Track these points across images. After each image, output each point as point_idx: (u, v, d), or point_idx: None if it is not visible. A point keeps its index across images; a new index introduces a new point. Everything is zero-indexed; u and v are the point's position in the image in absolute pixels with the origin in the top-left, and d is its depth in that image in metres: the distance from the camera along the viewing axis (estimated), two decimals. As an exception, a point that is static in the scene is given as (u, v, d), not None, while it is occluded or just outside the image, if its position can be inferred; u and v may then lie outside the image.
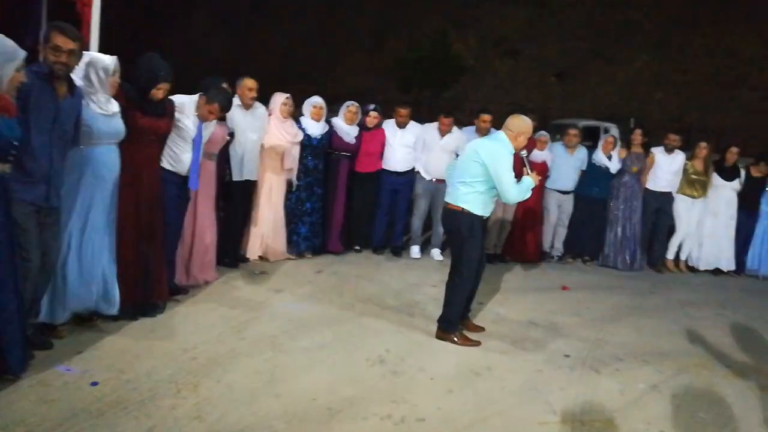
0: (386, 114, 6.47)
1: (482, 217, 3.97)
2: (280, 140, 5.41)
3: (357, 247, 6.33)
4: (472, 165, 3.89)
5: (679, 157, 6.94)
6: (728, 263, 7.07)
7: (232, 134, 4.90)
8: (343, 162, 6.00)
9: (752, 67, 26.05)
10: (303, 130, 5.63)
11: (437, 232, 6.45)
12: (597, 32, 26.74)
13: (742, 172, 7.05)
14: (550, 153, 6.65)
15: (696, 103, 24.22)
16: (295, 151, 5.57)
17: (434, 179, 6.23)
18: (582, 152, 6.85)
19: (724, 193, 6.98)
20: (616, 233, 6.89)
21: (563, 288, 5.76)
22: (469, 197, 3.91)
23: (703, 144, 7.06)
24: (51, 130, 3.01)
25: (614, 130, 14.55)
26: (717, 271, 7.07)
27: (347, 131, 5.96)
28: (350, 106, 5.99)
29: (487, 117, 6.34)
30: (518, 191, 3.87)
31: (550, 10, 27.58)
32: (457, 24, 27.29)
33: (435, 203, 6.32)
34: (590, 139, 7.13)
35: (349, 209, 6.14)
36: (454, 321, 4.07)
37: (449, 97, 22.72)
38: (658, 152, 6.97)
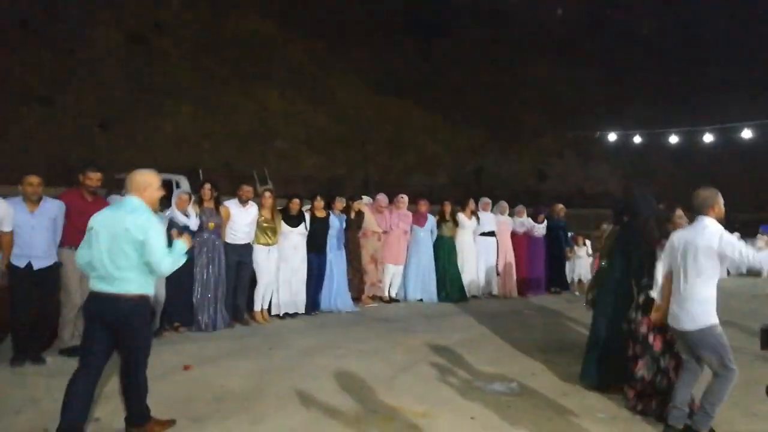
0: None
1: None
2: None
3: None
4: (127, 246, 3.34)
5: (252, 209, 7.04)
6: (301, 305, 7.46)
7: None
8: None
9: (281, 120, 30.16)
10: None
11: None
12: (140, 85, 26.30)
13: (307, 216, 7.59)
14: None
15: (240, 153, 26.38)
16: None
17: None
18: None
19: (292, 238, 7.35)
20: (203, 294, 6.50)
21: (185, 367, 4.99)
22: (144, 279, 3.45)
23: (267, 194, 7.31)
24: None
25: (185, 183, 14.19)
26: (294, 314, 7.37)
27: None
28: None
29: (34, 180, 5.03)
30: (173, 260, 3.46)
31: (81, 59, 25.72)
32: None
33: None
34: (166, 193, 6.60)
35: None
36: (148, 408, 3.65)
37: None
38: (232, 205, 6.91)
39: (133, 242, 3.33)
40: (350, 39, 36.53)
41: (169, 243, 3.52)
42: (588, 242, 10.80)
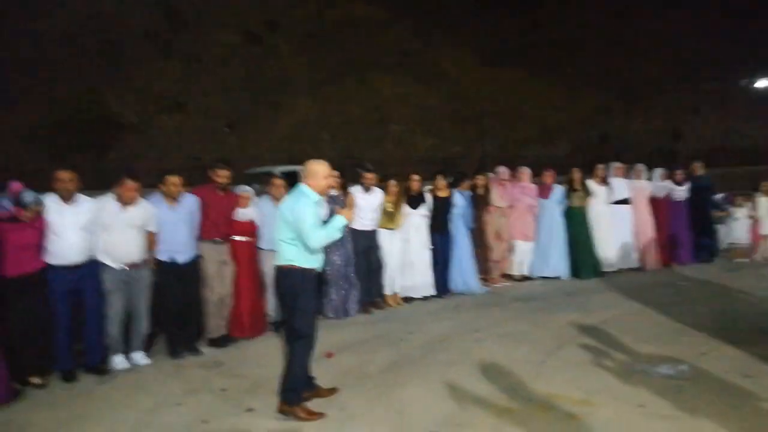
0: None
1: (313, 270, 3.91)
2: None
3: (37, 381, 4.48)
4: (282, 225, 3.90)
5: (376, 195, 6.94)
6: (429, 288, 7.25)
7: None
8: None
9: (394, 104, 30.27)
10: None
11: (139, 332, 5.05)
12: (259, 82, 27.63)
13: (428, 197, 7.35)
14: (257, 210, 5.91)
15: (356, 139, 26.85)
16: None
17: (125, 266, 4.87)
18: None
19: (413, 220, 7.14)
20: (334, 281, 6.50)
21: (328, 355, 4.96)
22: (294, 252, 3.85)
23: (393, 182, 7.15)
24: None
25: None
26: (425, 298, 7.18)
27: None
28: None
29: (176, 180, 5.27)
30: (323, 234, 3.81)
31: (206, 64, 27.49)
32: (108, 81, 24.93)
33: (133, 296, 4.97)
34: (291, 184, 6.63)
35: (9, 332, 4.28)
36: (300, 390, 3.84)
37: (116, 159, 20.34)
38: (356, 192, 6.84)
39: (284, 219, 3.85)
40: (455, 13, 35.70)
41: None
42: (750, 203, 9.56)
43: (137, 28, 25.62)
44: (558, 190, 8.49)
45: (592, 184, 8.61)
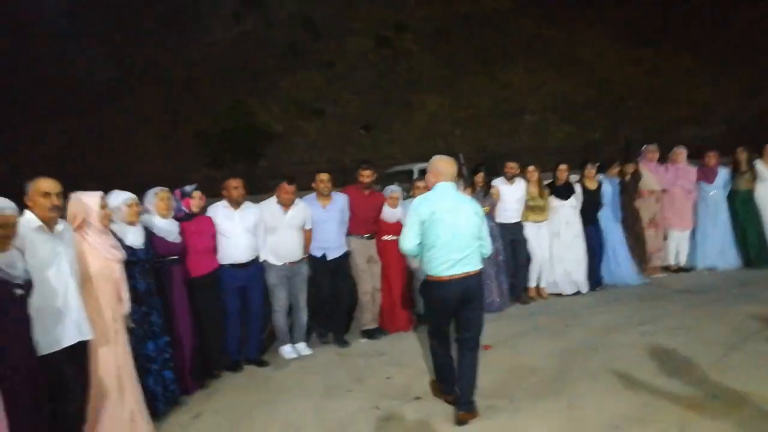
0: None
1: None
2: (113, 261, 3.72)
3: (220, 372, 4.91)
4: (476, 227, 3.64)
5: (520, 185, 6.74)
6: (581, 284, 6.91)
7: (26, 284, 2.90)
8: (174, 270, 4.45)
9: (526, 94, 29.47)
10: (120, 241, 3.91)
11: (300, 323, 5.37)
12: (389, 83, 28.41)
13: (577, 188, 7.03)
14: (403, 210, 6.00)
15: (489, 132, 26.52)
16: (124, 274, 3.85)
17: (287, 263, 5.20)
18: None
19: (562, 212, 6.84)
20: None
21: (485, 347, 4.83)
22: (479, 256, 3.70)
23: (531, 168, 6.81)
24: None
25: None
26: (577, 292, 6.86)
27: (167, 228, 4.46)
28: (159, 193, 4.50)
29: (325, 177, 5.55)
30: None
31: (340, 70, 28.80)
32: (256, 94, 27.13)
33: (294, 290, 5.29)
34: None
35: (200, 328, 4.63)
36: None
37: (265, 166, 21.96)
38: (499, 184, 6.71)
39: (475, 223, 3.61)
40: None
41: None
42: None
43: (277, 44, 27.58)
44: (722, 174, 7.74)
45: (759, 165, 7.75)
